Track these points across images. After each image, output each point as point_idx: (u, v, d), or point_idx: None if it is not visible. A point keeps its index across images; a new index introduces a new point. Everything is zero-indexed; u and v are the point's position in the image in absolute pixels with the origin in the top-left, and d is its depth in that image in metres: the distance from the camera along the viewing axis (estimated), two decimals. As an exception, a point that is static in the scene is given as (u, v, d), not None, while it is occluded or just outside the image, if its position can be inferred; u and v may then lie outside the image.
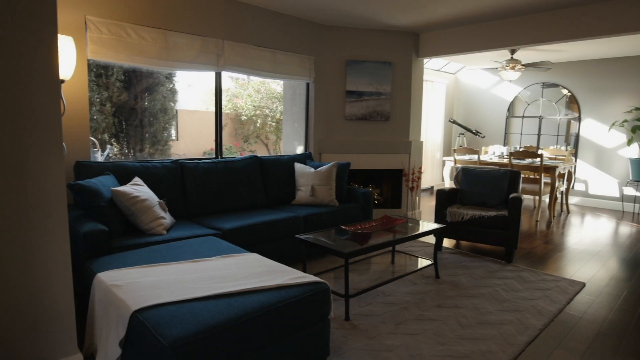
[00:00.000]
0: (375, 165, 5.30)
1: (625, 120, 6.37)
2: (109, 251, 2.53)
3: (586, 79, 6.79)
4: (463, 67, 8.00)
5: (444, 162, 7.05)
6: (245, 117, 7.46)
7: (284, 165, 4.21)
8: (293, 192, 4.18)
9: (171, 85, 6.31)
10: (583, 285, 3.35)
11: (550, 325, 2.67)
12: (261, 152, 7.75)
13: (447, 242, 4.52)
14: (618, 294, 3.23)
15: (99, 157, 4.25)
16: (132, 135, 5.70)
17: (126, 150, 5.71)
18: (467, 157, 6.23)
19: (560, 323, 2.71)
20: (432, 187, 8.17)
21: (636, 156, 6.29)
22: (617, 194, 6.60)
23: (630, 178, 6.25)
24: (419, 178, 5.50)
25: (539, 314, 2.77)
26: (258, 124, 7.57)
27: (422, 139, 7.23)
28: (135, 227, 2.91)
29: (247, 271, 2.13)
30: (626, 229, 5.35)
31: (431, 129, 7.87)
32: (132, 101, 5.72)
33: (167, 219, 3.03)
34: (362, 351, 2.26)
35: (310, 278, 2.07)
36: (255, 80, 7.59)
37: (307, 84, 5.05)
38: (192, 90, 8.07)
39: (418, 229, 3.26)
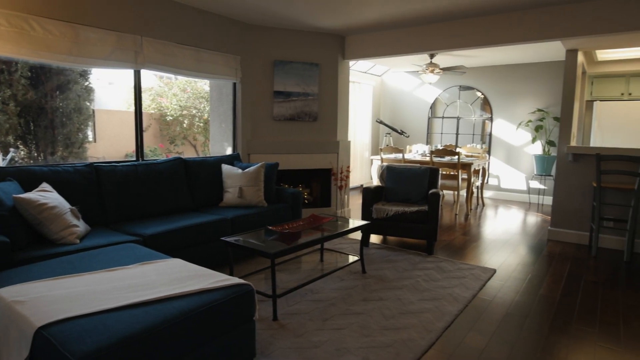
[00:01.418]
0: (305, 165, 5.36)
1: (530, 121, 7.03)
2: (11, 264, 2.31)
3: (497, 83, 7.40)
4: (388, 69, 8.34)
5: (372, 161, 7.30)
6: (171, 118, 7.17)
7: (210, 167, 4.11)
8: (220, 194, 4.10)
9: (87, 83, 5.89)
10: (494, 271, 3.65)
11: (465, 310, 2.88)
12: (189, 154, 7.49)
13: (375, 238, 4.70)
14: (524, 277, 3.56)
15: (0, 161, 3.87)
16: (42, 137, 5.23)
17: (35, 154, 5.24)
18: (393, 155, 6.51)
19: (473, 308, 2.93)
20: (361, 185, 8.42)
21: (540, 153, 6.98)
22: (524, 187, 7.27)
23: (535, 172, 6.92)
24: (347, 177, 5.65)
25: (455, 301, 2.98)
26: (185, 125, 7.31)
27: (350, 139, 7.44)
28: (43, 237, 2.68)
29: (168, 277, 2.06)
30: (532, 219, 5.92)
31: (360, 129, 8.11)
32: (40, 100, 5.25)
33: (81, 226, 2.83)
34: (289, 350, 2.28)
35: (234, 280, 2.05)
36: (182, 79, 7.32)
37: (234, 84, 4.97)
38: (113, 89, 7.61)
39: (344, 227, 3.35)
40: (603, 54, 5.96)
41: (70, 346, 1.49)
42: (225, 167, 4.13)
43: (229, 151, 5.09)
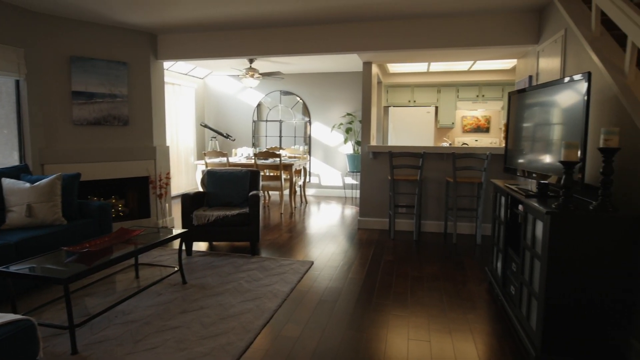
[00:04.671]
0: (117, 174, 4.86)
1: (342, 124, 7.85)
2: None
3: (313, 89, 8.03)
4: (210, 72, 8.21)
5: (196, 166, 7.08)
6: None
7: (-16, 183, 3.36)
8: (2, 215, 3.39)
9: None
10: (312, 263, 3.95)
11: (284, 304, 3.03)
12: (-39, 167, 5.99)
13: (203, 245, 4.56)
14: (336, 265, 3.94)
15: None
16: None
17: None
18: (217, 159, 6.43)
19: (291, 300, 3.11)
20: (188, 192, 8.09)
21: (351, 152, 7.84)
22: (340, 184, 8.08)
23: (348, 170, 7.75)
24: (167, 184, 5.35)
25: (275, 297, 3.11)
26: (-48, 131, 5.81)
27: (169, 144, 7.07)
28: None
29: None
30: (348, 211, 6.61)
31: (183, 133, 7.77)
32: None
33: None
34: (90, 383, 2.03)
35: (6, 318, 1.71)
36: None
37: (17, 82, 4.18)
38: None
39: (159, 237, 3.15)
40: (393, 67, 7.05)
41: None
42: (7, 182, 3.44)
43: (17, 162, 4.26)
